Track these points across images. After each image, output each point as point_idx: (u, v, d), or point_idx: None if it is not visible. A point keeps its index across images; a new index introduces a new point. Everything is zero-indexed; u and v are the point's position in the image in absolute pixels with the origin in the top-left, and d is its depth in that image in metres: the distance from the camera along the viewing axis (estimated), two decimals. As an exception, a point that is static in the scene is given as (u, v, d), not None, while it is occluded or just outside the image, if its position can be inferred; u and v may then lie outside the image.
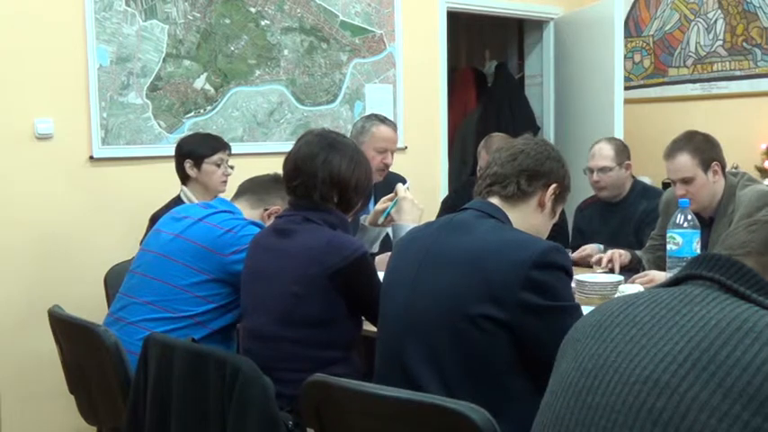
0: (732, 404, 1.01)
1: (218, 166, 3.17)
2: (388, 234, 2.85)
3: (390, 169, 3.45)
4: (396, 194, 2.69)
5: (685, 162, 2.79)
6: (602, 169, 3.40)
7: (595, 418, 1.10)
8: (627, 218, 3.34)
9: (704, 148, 2.82)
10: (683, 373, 1.05)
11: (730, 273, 1.16)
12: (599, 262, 3.01)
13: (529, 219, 1.91)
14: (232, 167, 3.22)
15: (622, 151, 3.44)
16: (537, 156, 1.92)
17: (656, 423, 1.04)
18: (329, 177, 2.15)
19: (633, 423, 1.06)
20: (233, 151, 3.31)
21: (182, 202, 3.05)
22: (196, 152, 3.16)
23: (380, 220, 2.71)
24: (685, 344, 1.08)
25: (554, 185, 1.93)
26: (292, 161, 2.20)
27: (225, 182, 3.18)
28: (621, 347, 1.13)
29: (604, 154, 3.41)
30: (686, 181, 2.79)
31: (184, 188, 3.16)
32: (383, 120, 3.36)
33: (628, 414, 1.07)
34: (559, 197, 1.96)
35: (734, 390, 1.02)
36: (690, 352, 1.07)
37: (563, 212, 3.45)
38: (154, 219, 2.91)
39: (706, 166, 2.79)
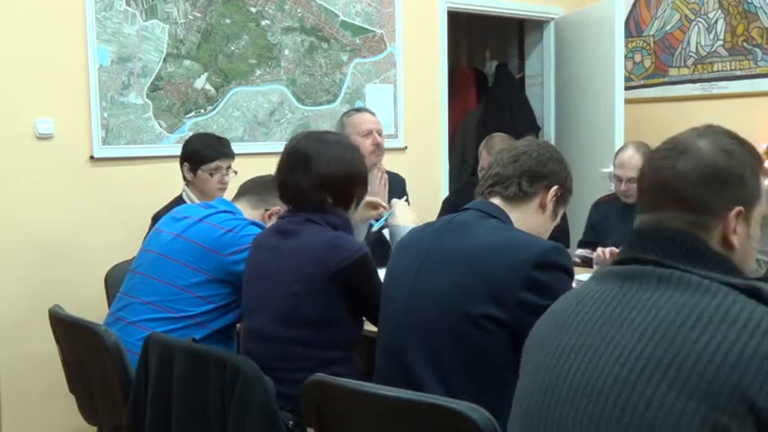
0: (687, 400, 1.00)
1: (212, 174, 3.07)
2: (381, 239, 2.85)
3: (391, 169, 3.44)
4: (390, 206, 2.74)
5: None
6: (632, 179, 3.38)
7: None
8: None
9: None
10: (637, 373, 1.05)
11: (665, 250, 1.15)
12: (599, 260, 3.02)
13: (530, 220, 1.91)
14: (236, 172, 3.12)
15: None
16: (539, 157, 1.92)
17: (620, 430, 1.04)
18: (319, 182, 2.15)
19: None
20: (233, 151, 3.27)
21: (183, 201, 3.04)
22: (194, 157, 3.09)
23: (374, 228, 2.74)
24: (638, 341, 1.07)
25: (555, 187, 1.93)
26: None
27: (222, 189, 3.09)
28: (579, 359, 1.12)
29: (634, 164, 3.35)
30: None
31: (186, 188, 3.15)
32: (357, 109, 3.42)
33: (589, 427, 1.07)
34: (561, 199, 1.96)
35: (688, 385, 1.01)
36: (642, 349, 1.06)
37: (564, 213, 3.46)
38: (156, 218, 2.90)
39: None
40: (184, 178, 3.14)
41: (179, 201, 3.05)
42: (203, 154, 3.09)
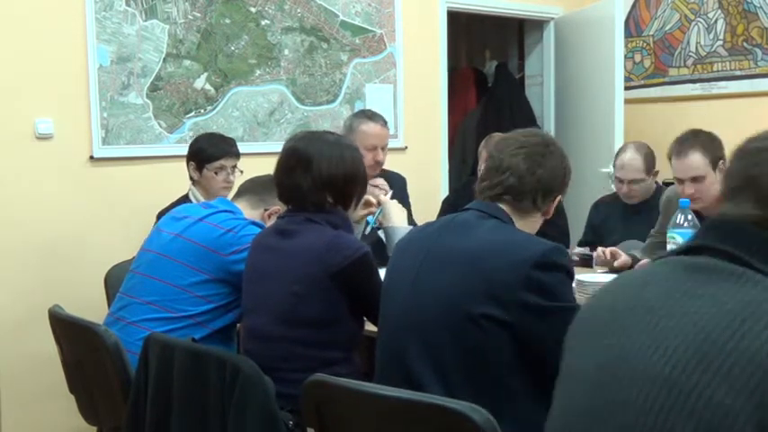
0: (735, 398, 0.99)
1: (217, 173, 3.09)
2: (380, 239, 2.85)
3: (391, 169, 3.44)
4: (378, 203, 2.73)
5: (698, 160, 2.77)
6: (633, 181, 3.37)
7: (613, 415, 1.09)
8: (650, 221, 3.20)
9: (711, 146, 2.81)
10: (690, 369, 1.04)
11: (742, 243, 1.12)
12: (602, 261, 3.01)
13: (529, 225, 1.93)
14: (242, 172, 3.13)
15: (651, 160, 3.38)
16: (553, 170, 1.91)
17: (666, 420, 1.03)
18: (320, 182, 2.15)
19: (647, 420, 1.05)
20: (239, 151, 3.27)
21: (189, 200, 3.05)
22: (200, 155, 3.11)
23: (368, 230, 2.73)
24: (695, 335, 1.06)
25: (559, 196, 1.95)
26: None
27: (227, 187, 3.10)
28: (634, 340, 1.11)
29: (636, 166, 3.35)
30: (696, 179, 2.77)
31: (192, 187, 3.16)
32: (370, 116, 3.28)
33: (640, 412, 1.06)
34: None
35: (737, 382, 0.99)
36: (699, 345, 1.05)
37: (564, 214, 3.46)
38: (161, 216, 2.90)
39: (714, 165, 2.78)
40: (190, 177, 3.16)
41: (185, 199, 3.06)
42: (208, 152, 3.11)
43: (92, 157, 3.51)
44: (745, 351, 1.01)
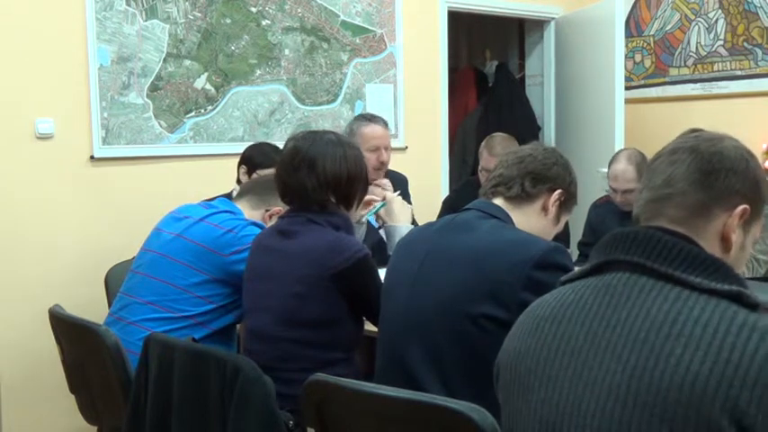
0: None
1: None
2: (381, 239, 2.85)
3: (392, 168, 3.44)
4: (383, 198, 2.73)
5: None
6: (628, 191, 3.37)
7: None
8: None
9: None
10: (626, 418, 1.02)
11: (648, 251, 1.11)
12: None
13: (531, 222, 1.91)
14: None
15: (643, 168, 3.38)
16: (544, 160, 1.93)
17: None
18: (325, 182, 2.16)
19: None
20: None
21: (231, 197, 3.08)
22: (252, 160, 3.18)
23: (365, 218, 2.72)
24: (622, 372, 1.04)
25: (559, 191, 1.93)
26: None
27: None
28: (567, 390, 1.10)
29: (628, 177, 3.35)
30: None
31: (237, 186, 3.18)
32: (370, 118, 3.29)
33: None
34: (564, 205, 1.95)
35: (677, 420, 0.98)
36: (628, 383, 1.03)
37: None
38: None
39: None
40: (238, 180, 3.21)
41: (228, 196, 3.09)
42: (261, 159, 3.17)
43: (92, 157, 3.51)
44: (672, 380, 0.99)
